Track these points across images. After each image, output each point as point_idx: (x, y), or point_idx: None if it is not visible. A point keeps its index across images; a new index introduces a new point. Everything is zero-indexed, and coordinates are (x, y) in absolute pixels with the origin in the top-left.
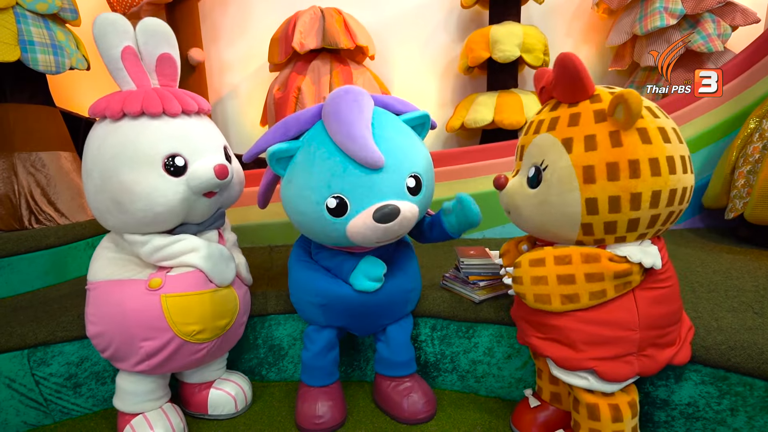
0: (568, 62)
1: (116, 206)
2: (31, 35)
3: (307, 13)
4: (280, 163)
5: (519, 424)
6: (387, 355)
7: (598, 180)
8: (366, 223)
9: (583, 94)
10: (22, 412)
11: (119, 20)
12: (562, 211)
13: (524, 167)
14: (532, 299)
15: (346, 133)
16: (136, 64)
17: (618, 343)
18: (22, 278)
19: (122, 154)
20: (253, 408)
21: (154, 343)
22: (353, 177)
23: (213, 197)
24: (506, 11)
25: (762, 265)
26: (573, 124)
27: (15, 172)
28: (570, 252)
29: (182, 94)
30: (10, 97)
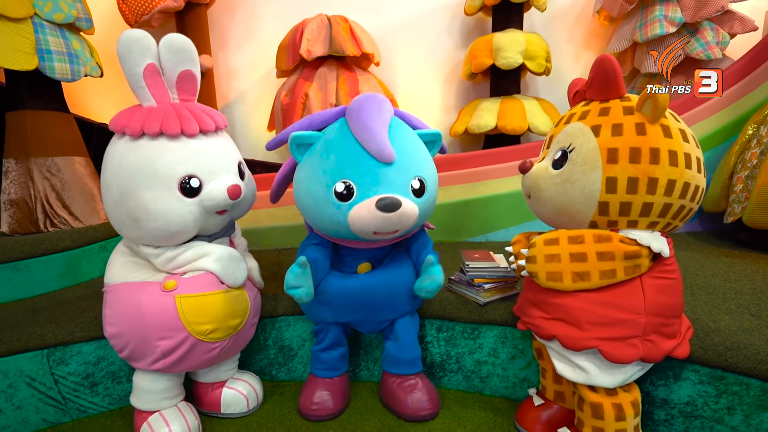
0: (606, 62)
1: (133, 222)
2: (48, 44)
3: (314, 21)
4: (300, 150)
5: (523, 422)
6: (394, 352)
7: (620, 161)
8: (368, 209)
9: (615, 92)
10: (42, 410)
11: (144, 38)
12: (582, 189)
13: (551, 153)
14: (545, 277)
15: (365, 126)
16: (157, 81)
17: (623, 325)
18: (38, 280)
19: (140, 172)
20: (264, 407)
21: (170, 342)
22: (364, 167)
23: (225, 214)
24: (509, 19)
25: (759, 268)
26: (603, 114)
27: (31, 177)
28: (583, 233)
29: (200, 112)
30: (28, 104)
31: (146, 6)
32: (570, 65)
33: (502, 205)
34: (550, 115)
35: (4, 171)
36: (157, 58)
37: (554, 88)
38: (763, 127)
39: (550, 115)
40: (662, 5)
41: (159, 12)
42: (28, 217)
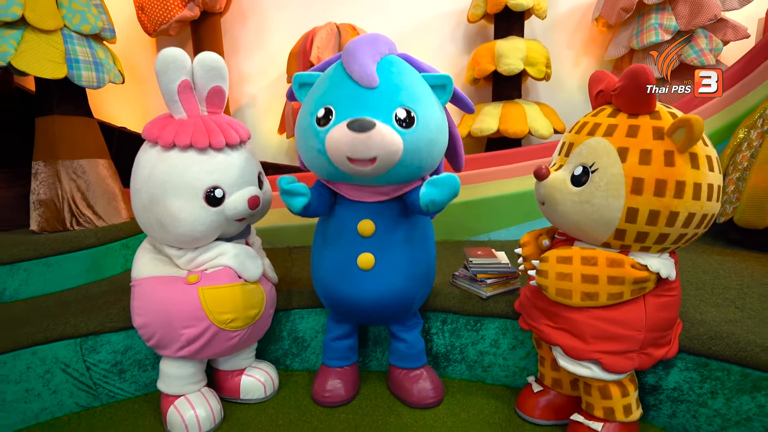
0: (641, 75)
1: (160, 226)
2: (77, 54)
3: (324, 29)
4: (302, 89)
5: (523, 407)
6: (399, 349)
7: (644, 193)
8: (341, 130)
9: (646, 107)
10: (75, 395)
11: (180, 57)
12: (601, 214)
13: (570, 164)
14: (554, 292)
15: (352, 54)
16: (189, 96)
17: (624, 341)
18: (66, 275)
19: (170, 182)
20: (279, 394)
21: (194, 330)
22: (345, 90)
23: (244, 220)
24: (510, 26)
25: (749, 265)
26: (631, 135)
27: (59, 179)
28: (596, 254)
29: (227, 125)
30: (56, 110)
31: (164, 16)
32: (569, 71)
33: (504, 206)
34: (551, 119)
35: (34, 173)
36: (190, 75)
37: (554, 93)
38: (753, 131)
39: (551, 119)
40: (657, 14)
41: (176, 21)
42: (55, 216)
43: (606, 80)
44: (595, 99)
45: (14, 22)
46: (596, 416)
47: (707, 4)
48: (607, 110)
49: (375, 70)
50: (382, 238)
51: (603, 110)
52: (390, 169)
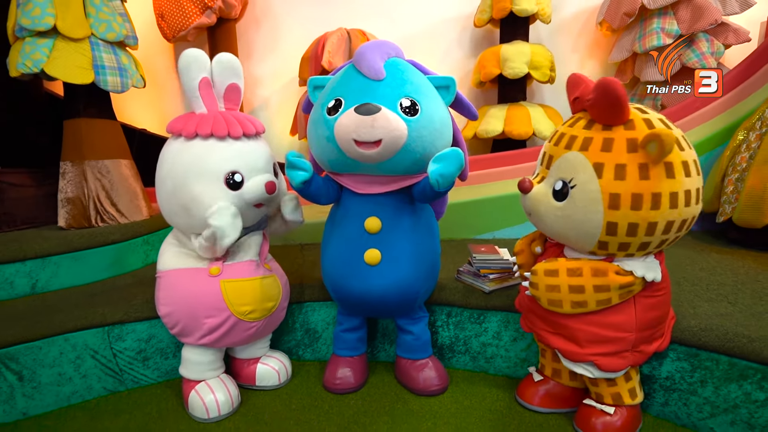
0: (610, 89)
1: (184, 211)
2: (102, 60)
3: (335, 35)
4: (316, 92)
5: (523, 396)
6: (406, 341)
7: (622, 208)
8: (349, 114)
9: (619, 120)
10: (103, 380)
11: (200, 57)
12: (583, 228)
13: (551, 177)
14: (546, 302)
15: (361, 55)
16: (209, 93)
17: (616, 342)
18: (92, 269)
19: (193, 168)
20: (292, 381)
21: (215, 320)
22: (354, 83)
23: (261, 207)
24: (516, 31)
25: (745, 263)
26: (606, 149)
27: (85, 178)
28: (581, 265)
29: (244, 118)
30: (83, 113)
31: (183, 23)
32: None
33: (508, 205)
34: (554, 122)
35: (62, 172)
36: (210, 73)
37: (558, 96)
38: (752, 133)
39: (554, 122)
40: (660, 18)
41: (194, 28)
42: (82, 213)
43: (582, 86)
44: (573, 104)
45: (47, 31)
46: (606, 402)
47: (708, 9)
48: (583, 121)
49: (382, 66)
50: (388, 235)
51: (579, 120)
52: (394, 154)
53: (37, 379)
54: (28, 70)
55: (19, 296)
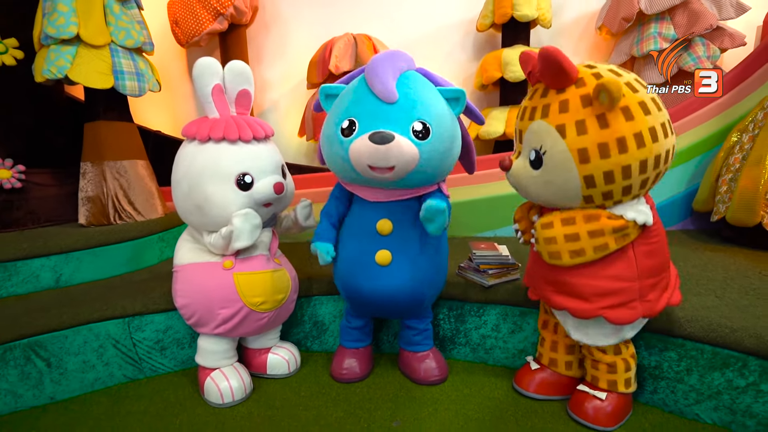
0: (550, 56)
1: (198, 210)
2: (122, 66)
3: (342, 40)
4: (328, 100)
5: (520, 383)
6: (408, 335)
7: (592, 160)
8: (363, 141)
9: (568, 81)
10: (123, 367)
11: (213, 64)
12: (564, 188)
13: (525, 150)
14: (547, 257)
15: (374, 71)
16: (221, 98)
17: (622, 293)
18: (111, 264)
19: (206, 170)
20: (301, 371)
21: (229, 311)
22: (367, 104)
23: (270, 207)
24: (517, 35)
25: (736, 260)
26: (563, 110)
27: (104, 178)
28: (573, 214)
29: (254, 122)
30: (103, 116)
31: (196, 29)
32: None
33: (509, 204)
34: None
35: (82, 172)
36: (222, 80)
37: None
38: (745, 135)
39: None
40: (657, 23)
41: (207, 34)
42: (101, 211)
43: (532, 61)
44: (529, 78)
45: (70, 39)
46: (600, 387)
47: (704, 14)
48: (539, 90)
49: (395, 86)
50: (398, 237)
51: (536, 91)
52: (406, 175)
53: (64, 366)
54: (53, 76)
55: (45, 289)
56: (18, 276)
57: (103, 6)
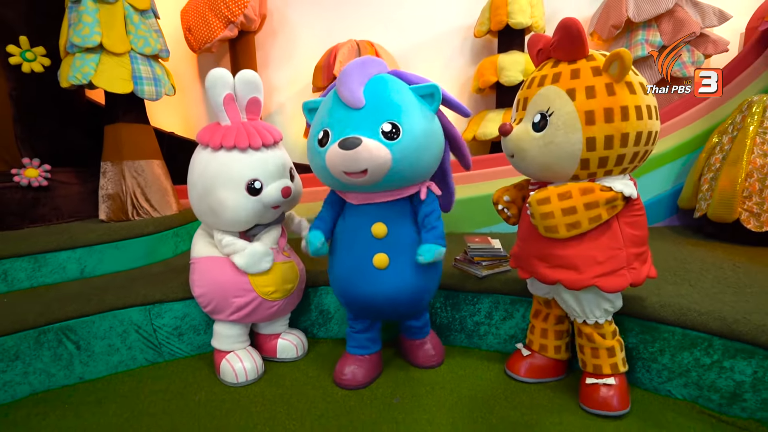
0: (572, 25)
1: (212, 212)
2: (140, 72)
3: (346, 46)
4: (311, 114)
5: (512, 368)
6: (408, 327)
7: (597, 122)
8: (334, 149)
9: (581, 53)
10: (144, 351)
11: (224, 75)
12: (566, 149)
13: (528, 115)
14: (544, 231)
15: (341, 81)
16: (232, 107)
17: (611, 261)
18: (130, 257)
19: (219, 177)
20: (308, 355)
21: (242, 299)
22: (338, 113)
23: (279, 208)
24: (512, 41)
25: (715, 254)
26: (574, 77)
27: (123, 176)
28: (569, 188)
29: (263, 129)
30: (122, 119)
31: (208, 36)
32: None
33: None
34: None
35: (102, 171)
36: (233, 89)
37: None
38: (725, 136)
39: None
40: (644, 30)
41: (218, 41)
42: (120, 208)
43: (543, 40)
44: (537, 57)
45: (94, 47)
46: (605, 373)
47: (688, 22)
48: (549, 63)
49: (362, 92)
50: (394, 239)
51: (545, 64)
52: (383, 177)
53: (91, 349)
54: (78, 82)
55: (71, 279)
56: (47, 267)
57: (123, 16)
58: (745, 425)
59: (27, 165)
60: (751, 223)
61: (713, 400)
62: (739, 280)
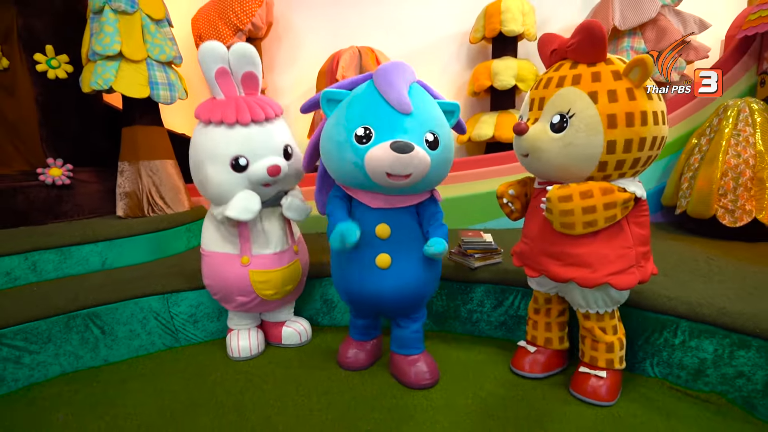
0: (595, 28)
1: (201, 186)
2: (156, 78)
3: (348, 52)
4: (330, 104)
5: (517, 365)
6: (401, 336)
7: (618, 126)
8: (384, 149)
9: (601, 55)
10: (163, 337)
11: (216, 48)
12: (586, 151)
13: (546, 114)
14: (559, 227)
15: (388, 81)
16: (226, 80)
17: (622, 259)
18: (146, 251)
19: (207, 152)
20: (312, 342)
21: (245, 298)
22: (384, 114)
23: (271, 186)
24: (505, 47)
25: (692, 248)
26: (596, 80)
27: (139, 175)
28: (590, 187)
29: (255, 104)
30: (138, 121)
31: None
32: None
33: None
34: None
35: (120, 171)
36: (227, 63)
37: None
38: (703, 138)
39: None
40: (629, 38)
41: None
42: (137, 205)
43: (557, 40)
44: (550, 57)
45: (114, 55)
46: (599, 366)
47: (670, 30)
48: (566, 64)
49: (408, 97)
50: (397, 240)
51: (561, 65)
52: (416, 183)
53: (115, 333)
54: (99, 87)
55: (93, 271)
56: (72, 259)
57: (141, 26)
58: (707, 397)
59: (51, 165)
60: (726, 219)
61: (681, 377)
62: (710, 270)
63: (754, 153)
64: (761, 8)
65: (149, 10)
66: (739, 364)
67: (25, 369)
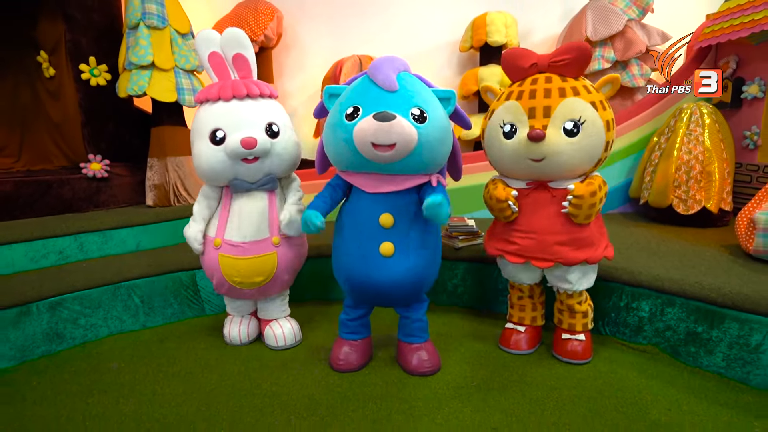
0: (587, 49)
1: (197, 167)
2: (182, 84)
3: (350, 60)
4: (331, 99)
5: (506, 344)
6: (406, 324)
7: (610, 129)
8: (367, 120)
9: (582, 72)
10: (191, 307)
11: (209, 35)
12: (592, 152)
13: (556, 121)
14: (584, 219)
15: (376, 67)
16: (219, 63)
17: (604, 236)
18: (174, 235)
19: (195, 129)
20: (316, 330)
21: (217, 281)
22: (371, 93)
23: (254, 163)
24: (491, 56)
25: (651, 233)
26: (588, 92)
27: (167, 170)
28: (598, 181)
29: (240, 83)
30: (165, 122)
31: None
32: None
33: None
34: None
35: (149, 165)
36: (219, 47)
37: None
38: (663, 137)
39: None
40: (600, 47)
41: None
42: (164, 196)
43: (533, 55)
44: (529, 69)
45: (147, 65)
46: (578, 331)
47: (636, 41)
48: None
49: (395, 78)
50: (399, 229)
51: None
52: (405, 156)
53: (152, 303)
54: (135, 93)
55: (130, 251)
56: (112, 241)
57: (170, 39)
58: (645, 348)
59: (92, 160)
60: (680, 207)
61: (625, 333)
62: (658, 248)
63: (703, 150)
64: (714, 23)
65: (177, 26)
66: (667, 319)
67: (81, 329)
